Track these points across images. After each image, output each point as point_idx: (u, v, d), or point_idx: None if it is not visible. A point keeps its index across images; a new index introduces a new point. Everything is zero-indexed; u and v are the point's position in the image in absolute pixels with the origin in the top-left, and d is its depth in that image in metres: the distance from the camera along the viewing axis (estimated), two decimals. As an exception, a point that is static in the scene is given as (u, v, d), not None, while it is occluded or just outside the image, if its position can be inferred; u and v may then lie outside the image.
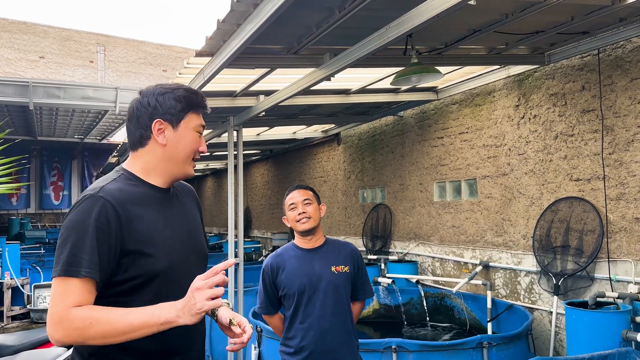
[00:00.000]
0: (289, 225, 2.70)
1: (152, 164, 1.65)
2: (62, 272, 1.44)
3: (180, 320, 1.44)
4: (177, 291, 1.53)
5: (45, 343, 4.13)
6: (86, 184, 17.69)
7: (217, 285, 1.47)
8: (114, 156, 9.50)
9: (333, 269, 2.60)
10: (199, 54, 3.76)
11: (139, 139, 1.66)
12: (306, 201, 2.64)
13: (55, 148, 16.11)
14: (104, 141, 14.31)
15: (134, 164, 1.68)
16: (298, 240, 2.71)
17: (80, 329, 1.41)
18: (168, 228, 1.65)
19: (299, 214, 2.61)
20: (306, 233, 2.64)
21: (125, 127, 2.11)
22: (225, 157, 8.46)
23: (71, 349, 1.63)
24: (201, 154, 1.72)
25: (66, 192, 17.31)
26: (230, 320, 1.64)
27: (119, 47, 20.94)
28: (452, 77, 5.62)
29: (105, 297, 1.52)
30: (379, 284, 6.07)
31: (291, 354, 2.56)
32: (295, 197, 2.66)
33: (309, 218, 2.61)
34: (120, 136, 12.46)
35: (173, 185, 1.77)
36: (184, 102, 1.66)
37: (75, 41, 19.96)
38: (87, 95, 9.34)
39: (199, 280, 1.46)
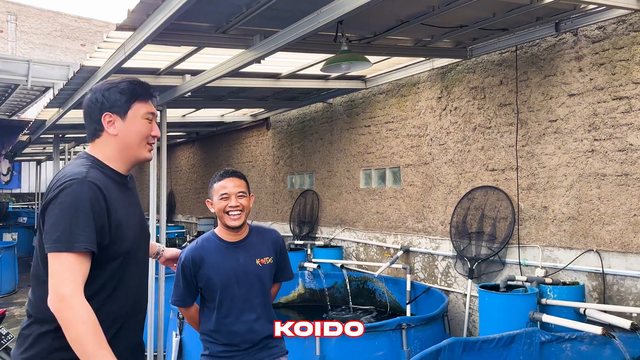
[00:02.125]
0: (212, 211, 2.51)
1: (111, 152, 1.83)
2: (63, 248, 1.57)
3: None
4: (132, 273, 1.81)
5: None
6: (-7, 163, 16.39)
7: None
8: (26, 134, 8.83)
9: (258, 261, 2.49)
10: (120, 28, 3.55)
11: (94, 132, 1.85)
12: (240, 194, 2.42)
13: (-42, 123, 14.78)
14: (15, 117, 13.29)
15: (96, 152, 1.84)
16: (221, 232, 2.51)
17: (75, 318, 1.54)
18: (131, 213, 1.84)
19: (231, 206, 2.41)
20: (235, 228, 2.46)
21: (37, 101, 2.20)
22: (148, 139, 8.12)
23: None
24: (156, 138, 1.90)
25: (-30, 172, 15.96)
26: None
27: (33, 18, 19.43)
28: (380, 67, 5.72)
29: None
30: (304, 268, 6.12)
31: (221, 344, 2.49)
32: (229, 187, 2.42)
33: (242, 212, 2.42)
34: (32, 112, 11.60)
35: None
36: (128, 93, 1.83)
37: (-18, 8, 18.30)
38: (-5, 67, 8.66)
39: None
